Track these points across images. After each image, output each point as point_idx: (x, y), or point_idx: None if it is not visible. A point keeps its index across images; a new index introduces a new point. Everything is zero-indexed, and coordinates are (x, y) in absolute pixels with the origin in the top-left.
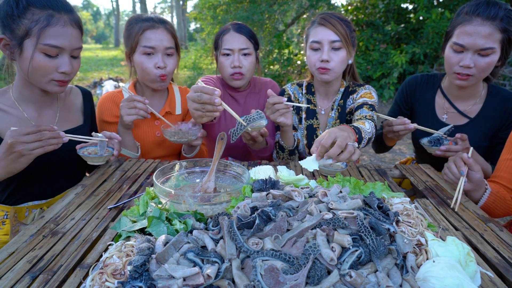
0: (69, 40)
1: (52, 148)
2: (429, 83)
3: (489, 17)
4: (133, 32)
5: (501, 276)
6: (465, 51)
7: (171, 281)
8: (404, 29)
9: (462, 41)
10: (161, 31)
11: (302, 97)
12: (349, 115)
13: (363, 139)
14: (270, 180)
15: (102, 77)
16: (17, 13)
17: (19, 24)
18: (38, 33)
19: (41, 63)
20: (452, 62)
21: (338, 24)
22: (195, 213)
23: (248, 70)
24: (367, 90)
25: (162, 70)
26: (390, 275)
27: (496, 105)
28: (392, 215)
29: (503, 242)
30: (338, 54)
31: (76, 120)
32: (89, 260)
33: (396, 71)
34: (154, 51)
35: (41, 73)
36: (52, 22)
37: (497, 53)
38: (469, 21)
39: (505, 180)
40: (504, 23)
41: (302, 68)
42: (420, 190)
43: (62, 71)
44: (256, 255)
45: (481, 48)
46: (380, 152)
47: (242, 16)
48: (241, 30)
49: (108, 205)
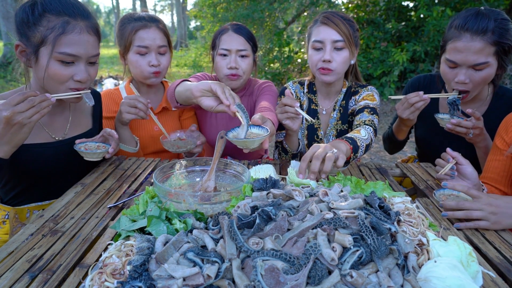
0: (85, 48)
1: (47, 110)
2: (432, 83)
3: (478, 32)
4: (125, 32)
5: (503, 276)
6: (459, 67)
7: (170, 281)
8: (405, 27)
9: (453, 58)
10: (153, 30)
11: (303, 96)
12: (351, 116)
13: (359, 147)
14: (271, 179)
15: (102, 75)
16: (32, 20)
17: (34, 31)
18: (53, 41)
19: (57, 71)
20: (448, 78)
21: (341, 23)
22: (195, 213)
23: (244, 72)
24: (369, 92)
25: (155, 67)
26: (391, 275)
27: (501, 106)
28: (393, 215)
29: (505, 242)
30: (340, 54)
31: (86, 124)
32: (89, 260)
33: (396, 69)
34: (147, 50)
35: (56, 81)
36: (68, 30)
37: (492, 65)
38: (458, 37)
39: (492, 180)
40: (496, 36)
41: (302, 67)
42: (421, 189)
43: (78, 80)
44: (257, 255)
45: (473, 64)
46: (394, 151)
47: (242, 14)
48: (240, 31)
49: (107, 204)
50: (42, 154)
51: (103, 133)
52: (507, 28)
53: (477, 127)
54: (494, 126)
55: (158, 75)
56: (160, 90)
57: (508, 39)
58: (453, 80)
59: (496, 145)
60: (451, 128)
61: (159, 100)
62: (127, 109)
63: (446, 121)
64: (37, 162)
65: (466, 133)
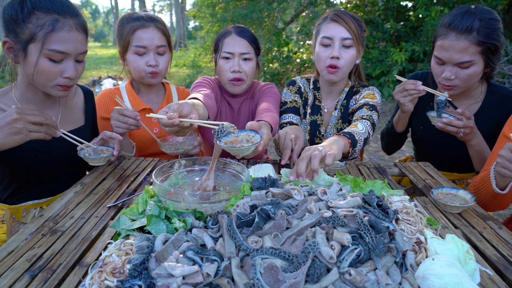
0: (74, 45)
1: (48, 138)
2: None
3: (462, 31)
4: (124, 32)
5: (500, 274)
6: (446, 64)
7: (170, 280)
8: (403, 26)
9: (440, 55)
10: (152, 30)
11: (309, 92)
12: (351, 115)
13: (357, 141)
14: (270, 178)
15: (101, 76)
16: (21, 17)
17: (23, 28)
18: (43, 38)
19: (46, 68)
20: (436, 73)
21: (351, 21)
22: (195, 212)
23: (248, 75)
24: (370, 91)
25: (153, 68)
26: (389, 273)
27: (495, 103)
28: (391, 213)
29: (502, 240)
30: (348, 52)
31: (78, 121)
32: (88, 259)
33: (395, 69)
34: (145, 50)
35: (45, 78)
36: (57, 27)
37: (478, 64)
38: (445, 35)
39: None
40: (481, 36)
41: (301, 66)
42: (420, 188)
43: (67, 76)
44: (256, 253)
45: (458, 62)
46: (391, 150)
47: (241, 14)
48: (243, 34)
49: (107, 204)
50: (31, 150)
51: (103, 136)
52: (494, 28)
53: (467, 126)
54: (488, 123)
55: (155, 75)
56: (160, 91)
57: (494, 39)
58: (440, 76)
59: (503, 135)
60: (442, 127)
61: (160, 102)
62: (116, 124)
63: (438, 119)
64: (27, 159)
65: (457, 132)
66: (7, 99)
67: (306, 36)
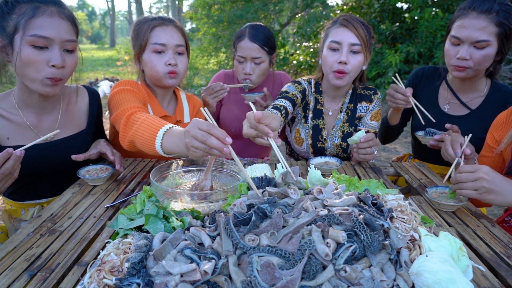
0: (58, 31)
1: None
2: (435, 74)
3: (483, 11)
4: (142, 31)
5: (493, 270)
6: (462, 44)
7: (168, 277)
8: (399, 28)
9: (458, 34)
10: (171, 28)
11: (311, 96)
12: (358, 120)
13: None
14: (266, 178)
15: (98, 77)
16: (6, 10)
17: (8, 21)
18: (24, 25)
19: (30, 56)
20: (450, 54)
21: (360, 27)
22: (192, 211)
23: (257, 76)
24: (379, 107)
25: (172, 67)
26: (384, 269)
27: (497, 99)
28: (386, 211)
29: (495, 237)
30: (356, 58)
31: (79, 125)
32: (87, 258)
33: (391, 70)
34: (164, 48)
35: (32, 69)
36: (38, 13)
37: (493, 45)
38: (465, 15)
39: None
40: (500, 17)
41: (298, 68)
42: (415, 187)
43: (53, 64)
44: (253, 251)
45: (476, 41)
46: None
47: (236, 15)
48: (255, 39)
49: (105, 204)
50: (27, 157)
51: (100, 149)
52: (511, 12)
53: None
54: (488, 117)
55: (175, 75)
56: (173, 100)
57: (510, 23)
58: (454, 57)
59: (487, 143)
60: (434, 145)
61: (173, 109)
62: (195, 144)
63: (429, 138)
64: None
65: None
66: (6, 103)
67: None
